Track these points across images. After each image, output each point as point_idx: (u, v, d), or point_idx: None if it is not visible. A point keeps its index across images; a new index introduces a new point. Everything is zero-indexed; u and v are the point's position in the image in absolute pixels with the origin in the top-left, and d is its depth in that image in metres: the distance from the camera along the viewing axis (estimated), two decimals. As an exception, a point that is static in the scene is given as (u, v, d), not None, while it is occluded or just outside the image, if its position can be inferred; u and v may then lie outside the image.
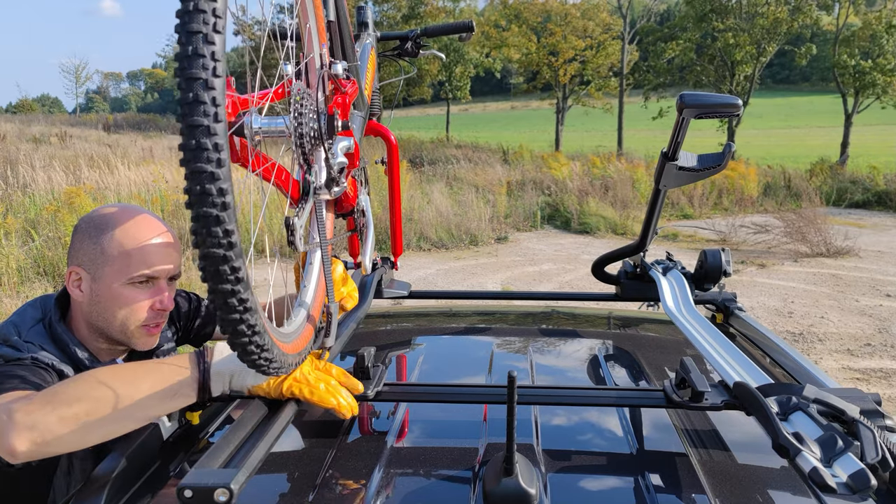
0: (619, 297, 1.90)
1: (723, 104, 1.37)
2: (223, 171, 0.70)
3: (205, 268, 0.73)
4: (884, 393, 4.65)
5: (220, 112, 0.69)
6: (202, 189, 0.69)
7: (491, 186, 12.95)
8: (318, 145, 1.05)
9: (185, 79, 0.67)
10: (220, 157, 0.69)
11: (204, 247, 0.71)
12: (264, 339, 0.83)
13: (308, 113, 1.02)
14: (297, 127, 1.01)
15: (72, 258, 1.30)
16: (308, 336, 1.10)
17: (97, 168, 11.78)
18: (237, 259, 0.73)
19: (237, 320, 0.77)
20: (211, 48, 0.68)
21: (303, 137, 1.02)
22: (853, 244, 9.36)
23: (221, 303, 0.75)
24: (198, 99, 0.67)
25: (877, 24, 19.66)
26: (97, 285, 1.27)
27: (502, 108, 74.29)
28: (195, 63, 0.67)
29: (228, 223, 0.71)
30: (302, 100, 1.02)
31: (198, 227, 0.71)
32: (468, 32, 2.07)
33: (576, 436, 1.19)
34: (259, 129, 0.98)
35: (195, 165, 0.69)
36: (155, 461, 1.09)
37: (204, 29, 0.67)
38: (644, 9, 27.67)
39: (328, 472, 1.03)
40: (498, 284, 7.69)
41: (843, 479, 0.84)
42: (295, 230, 0.96)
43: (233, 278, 0.74)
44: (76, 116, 48.65)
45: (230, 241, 0.72)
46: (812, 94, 69.69)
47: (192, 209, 0.70)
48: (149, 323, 1.31)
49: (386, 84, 2.17)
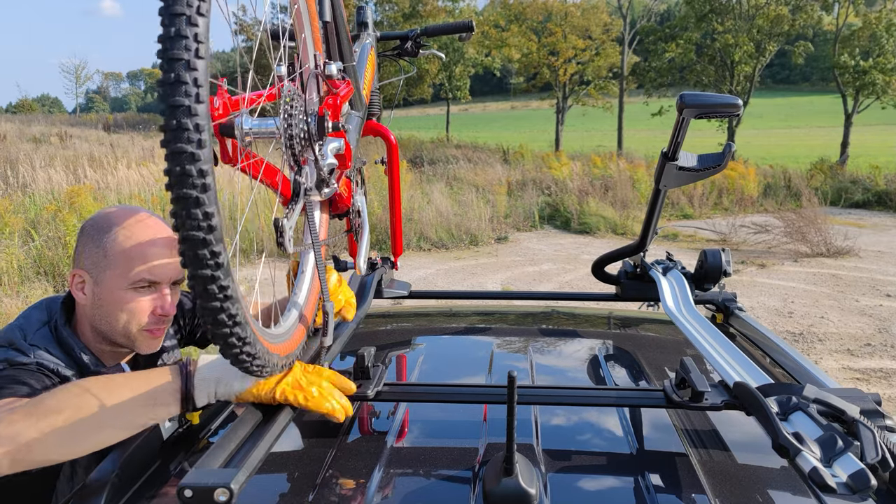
0: (619, 297, 1.90)
1: (723, 104, 1.37)
2: (204, 153, 0.69)
3: (184, 252, 0.72)
4: (884, 393, 4.65)
5: (201, 93, 0.68)
6: (182, 170, 0.68)
7: (491, 186, 12.95)
8: (308, 147, 1.04)
9: (166, 60, 0.67)
10: (202, 137, 0.68)
11: (183, 229, 0.70)
12: (247, 332, 0.81)
13: (298, 114, 1.01)
14: (286, 128, 1.00)
15: (76, 261, 1.30)
16: (299, 339, 1.09)
17: (98, 168, 11.78)
18: (217, 243, 0.72)
19: (217, 308, 0.75)
20: (194, 30, 0.67)
21: (292, 139, 1.00)
22: (853, 244, 9.36)
23: (201, 290, 0.74)
24: (179, 79, 0.67)
25: (877, 23, 19.66)
26: (99, 289, 1.27)
27: (502, 108, 74.29)
28: (177, 44, 0.67)
29: (209, 206, 0.70)
30: (292, 101, 1.01)
31: (177, 209, 0.70)
32: (468, 32, 2.08)
33: (576, 436, 1.19)
34: (250, 129, 0.97)
35: (175, 146, 0.68)
36: (155, 461, 1.09)
37: (187, 11, 0.67)
38: (644, 9, 27.67)
39: (328, 472, 1.03)
40: (498, 284, 7.69)
41: (843, 479, 0.84)
42: (284, 231, 0.95)
43: (213, 263, 0.72)
44: (76, 116, 48.66)
45: (210, 223, 0.71)
46: (812, 94, 69.69)
47: (172, 190, 0.69)
48: (151, 327, 1.30)
49: (386, 84, 2.17)
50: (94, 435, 0.97)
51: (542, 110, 51.79)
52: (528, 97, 50.85)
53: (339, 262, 1.80)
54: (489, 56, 27.94)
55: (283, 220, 0.96)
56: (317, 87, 1.18)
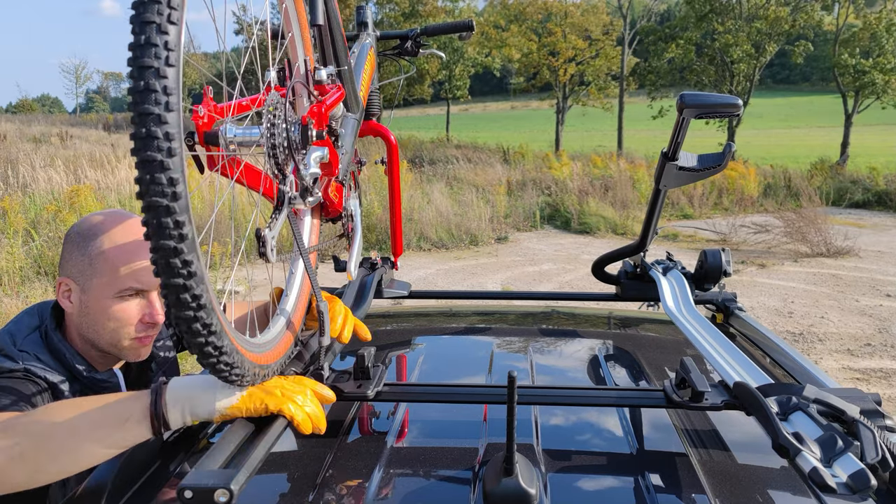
0: (619, 297, 1.90)
1: (723, 104, 1.37)
2: (174, 161, 0.69)
3: (156, 261, 0.72)
4: (884, 393, 4.65)
5: (171, 101, 0.68)
6: (152, 179, 0.68)
7: (491, 186, 12.94)
8: (291, 156, 1.02)
9: (136, 68, 0.67)
10: (171, 146, 0.68)
11: (154, 238, 0.70)
12: (223, 342, 0.80)
13: (280, 123, 0.99)
14: (269, 137, 0.98)
15: (62, 268, 1.28)
16: (285, 348, 1.07)
17: (99, 168, 11.78)
18: (189, 252, 0.72)
19: (191, 318, 0.75)
20: (164, 38, 0.67)
21: (275, 148, 0.99)
22: (853, 244, 9.36)
23: (174, 299, 0.74)
24: (149, 87, 0.67)
25: (877, 24, 19.66)
26: (86, 297, 1.25)
27: (502, 108, 74.26)
28: (148, 53, 0.67)
29: (179, 214, 0.70)
30: (275, 110, 0.99)
31: (148, 219, 0.70)
32: (468, 32, 2.07)
33: (576, 436, 1.19)
34: (234, 138, 0.96)
35: (145, 154, 0.68)
36: (155, 461, 1.09)
37: (157, 19, 0.67)
38: (644, 9, 27.67)
39: (328, 472, 1.03)
40: (498, 284, 7.69)
41: (843, 479, 0.84)
42: (266, 242, 0.93)
43: (185, 272, 0.72)
44: (76, 116, 48.66)
45: (181, 232, 0.70)
46: (812, 94, 69.67)
47: (143, 199, 0.69)
48: (139, 335, 1.28)
49: (386, 84, 2.16)
50: (58, 460, 0.92)
51: (543, 110, 51.79)
52: (528, 97, 50.83)
53: (338, 261, 1.80)
54: (489, 56, 27.94)
55: (266, 230, 0.94)
56: (306, 94, 1.17)
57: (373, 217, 9.43)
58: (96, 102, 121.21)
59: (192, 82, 36.90)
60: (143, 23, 0.67)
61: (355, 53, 1.74)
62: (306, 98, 1.17)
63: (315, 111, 1.14)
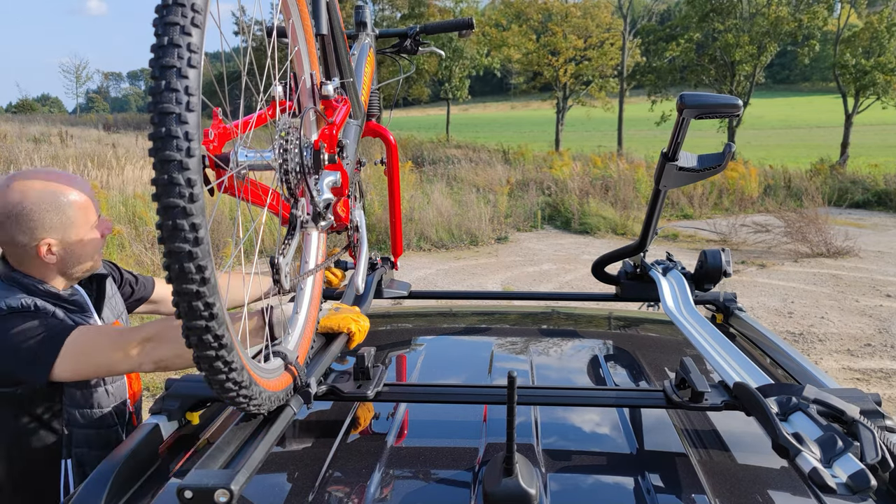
0: (619, 298, 1.90)
1: (723, 104, 1.37)
2: (196, 206, 0.68)
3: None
4: (884, 393, 4.65)
5: (192, 146, 0.67)
6: (174, 224, 0.68)
7: (491, 186, 12.94)
8: (303, 181, 1.02)
9: (157, 113, 0.66)
10: (193, 191, 0.68)
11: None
12: (233, 357, 0.79)
13: (293, 148, 0.99)
14: (282, 163, 0.98)
15: (34, 234, 1.39)
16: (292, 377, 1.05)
17: (102, 167, 11.78)
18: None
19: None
20: (185, 82, 0.67)
21: (288, 173, 0.99)
22: (853, 244, 9.35)
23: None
24: (170, 134, 0.66)
25: (878, 24, 19.65)
26: (70, 243, 1.44)
27: (502, 109, 74.23)
28: (168, 97, 0.66)
29: (202, 259, 0.69)
30: (287, 135, 0.99)
31: (170, 262, 0.70)
32: (468, 29, 2.07)
33: (576, 436, 1.19)
34: (245, 162, 0.95)
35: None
36: (155, 461, 1.09)
37: (178, 63, 0.67)
38: (644, 8, 27.66)
39: (328, 472, 1.03)
40: (498, 284, 7.69)
41: (843, 480, 0.84)
42: (280, 269, 0.92)
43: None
44: (76, 116, 48.66)
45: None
46: (812, 94, 69.58)
47: (165, 244, 0.69)
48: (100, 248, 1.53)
49: (385, 84, 2.16)
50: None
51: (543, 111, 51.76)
52: (528, 97, 50.80)
53: (339, 262, 1.79)
54: (489, 56, 27.90)
55: (279, 257, 0.93)
56: (313, 114, 1.17)
57: (373, 217, 9.42)
58: (96, 102, 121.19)
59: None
60: (164, 67, 0.66)
61: (355, 55, 1.73)
62: (312, 112, 1.17)
63: (326, 133, 1.14)
